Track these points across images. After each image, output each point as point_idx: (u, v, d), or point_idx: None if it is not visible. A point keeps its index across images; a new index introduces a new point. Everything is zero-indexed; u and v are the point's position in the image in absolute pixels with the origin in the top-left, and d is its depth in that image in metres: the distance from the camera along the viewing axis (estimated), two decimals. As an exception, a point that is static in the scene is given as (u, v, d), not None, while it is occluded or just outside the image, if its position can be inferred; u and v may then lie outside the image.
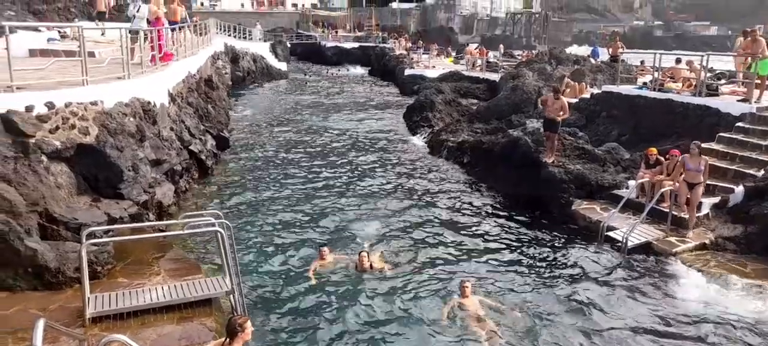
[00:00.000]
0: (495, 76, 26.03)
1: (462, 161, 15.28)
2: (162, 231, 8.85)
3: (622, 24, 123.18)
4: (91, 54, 12.21)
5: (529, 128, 14.38)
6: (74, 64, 10.42)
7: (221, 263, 6.98)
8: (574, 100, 17.84)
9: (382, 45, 51.44)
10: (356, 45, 55.88)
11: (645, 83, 16.14)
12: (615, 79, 18.34)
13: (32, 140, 7.99)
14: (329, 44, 57.38)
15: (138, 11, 13.72)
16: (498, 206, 12.28)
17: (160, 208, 10.17)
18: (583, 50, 47.35)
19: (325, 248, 9.23)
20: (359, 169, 15.30)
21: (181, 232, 8.07)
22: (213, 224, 7.05)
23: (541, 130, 13.54)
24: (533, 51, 43.41)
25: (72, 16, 27.08)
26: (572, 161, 12.85)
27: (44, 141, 8.18)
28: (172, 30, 16.64)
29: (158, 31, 13.92)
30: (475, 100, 23.29)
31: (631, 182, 11.35)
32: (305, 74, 43.37)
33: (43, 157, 8.16)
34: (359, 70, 47.00)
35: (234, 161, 15.77)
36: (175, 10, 18.39)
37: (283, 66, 42.01)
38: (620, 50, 22.79)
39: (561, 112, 12.56)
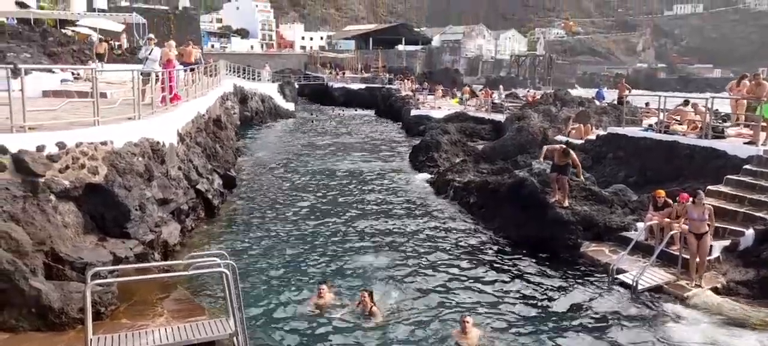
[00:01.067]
0: (500, 117, 26.25)
1: (468, 202, 15.25)
2: (167, 271, 8.82)
3: (625, 66, 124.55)
4: (103, 95, 12.44)
5: (535, 169, 14.37)
6: (86, 105, 10.60)
7: (226, 303, 6.92)
8: (579, 142, 17.90)
9: (388, 86, 52.16)
10: (363, 86, 56.70)
11: (651, 125, 16.19)
12: (620, 121, 18.42)
13: (42, 180, 8.07)
14: (336, 85, 58.26)
15: (150, 54, 14.03)
16: (504, 246, 12.18)
17: (165, 247, 10.17)
18: (588, 92, 47.78)
19: (324, 286, 9.09)
20: (365, 209, 15.29)
21: (186, 272, 8.03)
22: (218, 265, 7.02)
23: (548, 171, 13.52)
24: (538, 92, 43.82)
25: (86, 58, 27.67)
26: (579, 203, 12.80)
27: (54, 180, 8.26)
28: (186, 71, 17.00)
29: (169, 72, 14.20)
30: (481, 141, 23.42)
31: (640, 225, 11.26)
32: (312, 114, 43.87)
33: (52, 197, 8.23)
34: (366, 111, 47.51)
35: (240, 200, 15.80)
36: (190, 52, 18.89)
37: (290, 106, 42.58)
38: (626, 92, 22.99)
39: (568, 160, 12.52)
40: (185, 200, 12.36)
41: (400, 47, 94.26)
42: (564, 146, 13.23)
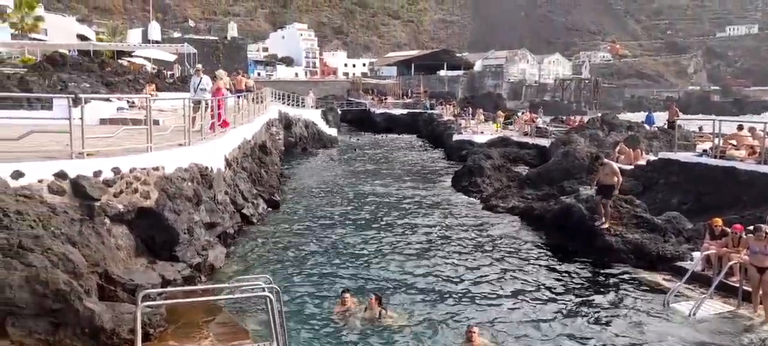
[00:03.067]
0: (545, 142, 25.78)
1: (515, 226, 14.96)
2: (213, 294, 8.96)
3: (676, 89, 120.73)
4: (156, 122, 12.94)
5: (582, 195, 13.99)
6: (140, 132, 11.05)
7: (269, 328, 6.94)
8: (628, 167, 17.34)
9: (430, 111, 52.23)
10: (405, 111, 56.99)
11: (705, 150, 15.54)
12: (672, 146, 17.77)
13: (98, 204, 8.41)
14: (378, 111, 58.78)
15: (200, 83, 14.54)
16: (548, 273, 11.82)
17: (211, 270, 10.38)
18: (637, 116, 46.44)
19: (347, 294, 9.26)
20: (407, 231, 15.19)
21: (231, 295, 8.14)
22: (262, 288, 7.09)
23: (594, 196, 13.17)
24: (584, 117, 42.91)
25: (140, 86, 28.94)
26: (630, 230, 12.34)
27: (109, 204, 8.60)
28: (237, 97, 17.67)
29: (219, 100, 14.66)
30: (525, 166, 23.03)
31: (696, 254, 10.73)
32: (355, 139, 44.31)
33: (107, 220, 8.55)
34: (407, 136, 47.63)
35: (284, 224, 15.98)
36: (240, 80, 19.63)
37: (333, 132, 43.15)
38: (676, 116, 22.22)
39: (613, 177, 12.27)
40: (231, 223, 12.63)
41: (442, 73, 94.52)
42: (602, 159, 12.93)
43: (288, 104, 39.94)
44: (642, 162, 17.70)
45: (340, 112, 55.62)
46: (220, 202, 12.60)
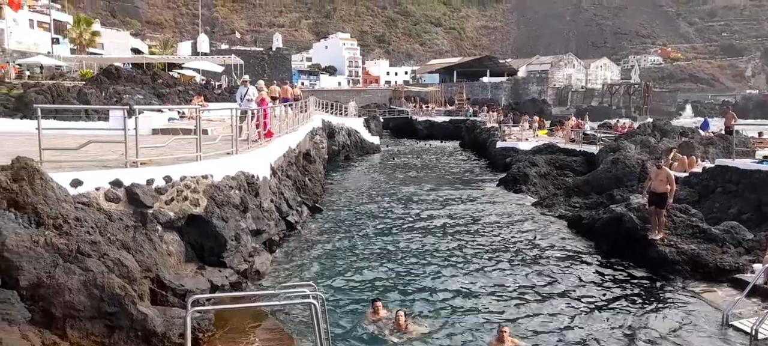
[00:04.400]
0: (593, 149, 25.08)
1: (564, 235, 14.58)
2: (259, 300, 9.11)
3: (733, 93, 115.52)
4: (205, 131, 13.32)
5: (633, 204, 13.49)
6: (190, 141, 11.39)
7: (314, 334, 6.99)
8: (683, 175, 16.65)
9: (472, 118, 51.75)
10: (447, 119, 56.68)
11: (766, 157, 14.74)
12: (730, 153, 16.95)
13: (150, 211, 8.71)
14: (420, 118, 58.68)
15: (247, 93, 14.89)
16: (598, 282, 11.43)
17: (257, 276, 10.55)
18: (691, 121, 44.60)
19: (379, 303, 9.32)
20: (448, 240, 15.04)
21: (276, 302, 8.26)
22: (307, 296, 7.15)
23: (646, 205, 12.67)
24: (634, 122, 41.57)
25: (190, 97, 29.88)
26: (685, 240, 11.81)
27: (160, 212, 8.89)
28: (285, 106, 18.19)
29: (264, 111, 14.95)
30: (572, 174, 22.44)
31: (757, 266, 10.16)
32: (396, 148, 44.35)
33: (159, 227, 8.84)
34: (450, 143, 47.31)
35: (328, 231, 16.11)
36: (286, 89, 20.25)
37: (375, 140, 43.34)
38: (734, 121, 21.20)
39: (667, 185, 11.78)
40: (276, 231, 12.83)
41: (485, 79, 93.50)
42: (658, 164, 12.42)
43: (331, 113, 40.40)
44: (697, 169, 16.96)
45: (382, 120, 55.82)
46: (265, 209, 12.83)
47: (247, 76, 17.48)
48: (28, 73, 44.68)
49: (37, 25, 63.65)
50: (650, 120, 32.80)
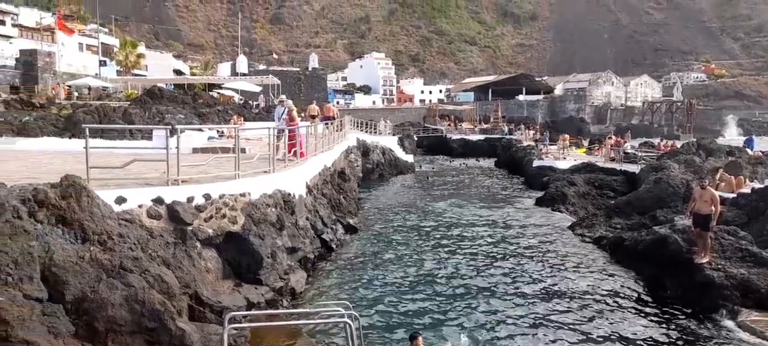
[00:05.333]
0: (634, 168, 24.39)
1: (603, 257, 14.15)
2: (294, 318, 9.14)
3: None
4: (243, 150, 13.57)
5: (678, 225, 13.00)
6: (229, 160, 11.62)
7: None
8: (731, 196, 15.99)
9: (508, 136, 51.20)
10: (482, 137, 56.26)
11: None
12: (781, 172, 16.20)
13: (190, 228, 8.89)
14: (455, 137, 58.44)
15: (284, 112, 15.12)
16: (642, 308, 11.01)
17: (292, 294, 10.60)
18: (735, 139, 42.97)
19: (419, 338, 8.91)
20: (484, 261, 14.81)
21: (311, 320, 8.26)
22: (342, 314, 7.13)
23: (692, 227, 12.20)
24: (677, 141, 40.34)
25: (229, 117, 30.58)
26: (734, 264, 11.28)
27: (200, 229, 9.06)
28: (325, 124, 19.19)
29: (293, 131, 14.90)
30: (613, 193, 21.85)
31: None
32: (430, 168, 44.20)
33: (198, 243, 9.01)
34: (485, 162, 46.85)
35: (362, 249, 16.10)
36: (329, 107, 20.90)
37: (409, 158, 43.31)
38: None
39: (711, 206, 11.31)
40: (311, 248, 12.90)
41: (521, 97, 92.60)
42: (702, 184, 11.93)
43: (366, 131, 40.65)
44: (745, 190, 16.26)
45: (416, 138, 55.82)
46: (301, 227, 12.93)
47: (284, 96, 17.79)
48: (76, 94, 46.67)
49: (86, 48, 66.70)
50: (694, 139, 31.73)
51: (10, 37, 56.76)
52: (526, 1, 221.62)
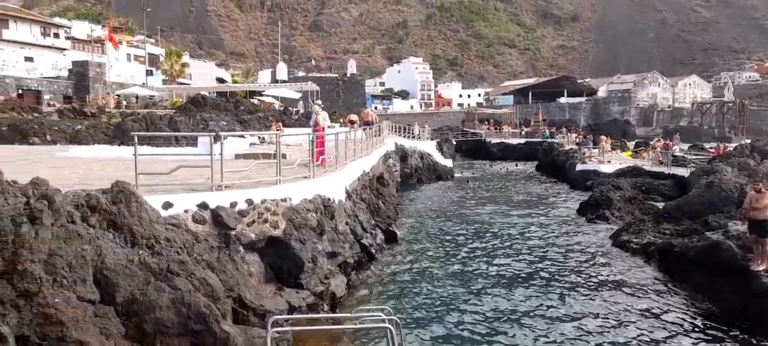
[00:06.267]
0: (683, 172, 23.50)
1: (649, 264, 13.65)
2: (335, 323, 9.18)
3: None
4: (284, 156, 13.74)
5: (731, 231, 12.41)
6: (270, 165, 11.80)
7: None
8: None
9: (550, 140, 50.24)
10: (522, 141, 55.44)
11: None
12: None
13: (233, 232, 9.06)
14: (494, 140, 57.76)
15: (324, 120, 15.24)
16: (693, 319, 10.55)
17: (333, 299, 10.64)
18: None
19: None
20: (526, 267, 14.52)
21: (352, 325, 8.27)
22: (383, 320, 7.11)
23: (747, 233, 11.61)
24: (729, 143, 38.67)
25: (270, 123, 31.12)
26: (795, 273, 10.67)
27: (242, 233, 9.22)
28: (364, 129, 19.57)
29: (320, 138, 14.69)
30: (660, 198, 21.10)
31: None
32: (471, 171, 43.79)
33: (241, 248, 9.16)
34: (525, 166, 46.10)
35: (402, 255, 16.06)
36: (367, 113, 21.11)
37: (448, 162, 43.03)
38: None
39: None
40: (351, 253, 12.93)
41: (563, 100, 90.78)
42: (758, 188, 11.31)
43: (404, 136, 40.64)
44: (806, 194, 15.37)
45: (454, 142, 55.44)
46: (341, 232, 12.99)
47: (319, 102, 17.98)
48: (125, 102, 48.54)
49: (133, 58, 69.33)
50: (748, 141, 30.32)
51: (64, 49, 59.53)
52: (566, 1, 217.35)
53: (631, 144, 42.92)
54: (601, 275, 13.62)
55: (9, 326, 5.74)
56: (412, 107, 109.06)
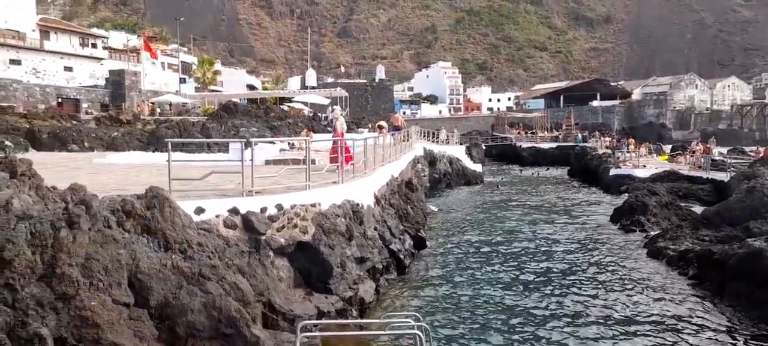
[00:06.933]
0: (722, 176, 22.73)
1: (687, 273, 13.23)
2: (363, 328, 9.15)
3: None
4: (313, 161, 13.82)
5: (775, 238, 11.91)
6: (300, 171, 11.88)
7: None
8: (838, 205, 14.51)
9: (582, 144, 49.33)
10: (554, 145, 54.62)
11: None
12: None
13: (263, 237, 9.14)
14: (525, 145, 57.07)
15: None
16: (735, 331, 10.15)
17: (361, 304, 10.63)
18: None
19: None
20: (556, 274, 14.24)
21: (381, 331, 8.24)
22: (412, 326, 7.06)
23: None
24: (771, 146, 37.25)
25: (299, 129, 31.43)
26: None
27: (272, 238, 9.30)
28: (393, 135, 20.04)
29: (336, 143, 14.46)
30: (698, 203, 20.44)
31: None
32: (499, 178, 43.32)
33: (270, 253, 9.24)
34: (557, 171, 45.34)
35: (430, 261, 15.96)
36: (397, 118, 21.52)
37: (478, 167, 42.66)
38: None
39: None
40: (380, 259, 12.90)
41: (595, 103, 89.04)
42: None
43: (432, 141, 40.48)
44: None
45: (484, 147, 54.97)
46: (369, 237, 12.97)
47: (337, 108, 18.06)
48: (159, 110, 49.75)
49: (167, 66, 71.08)
50: (792, 143, 29.16)
51: (101, 59, 61.46)
52: (599, 3, 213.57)
53: (667, 148, 41.75)
54: (638, 284, 13.25)
55: (48, 328, 5.90)
56: (440, 112, 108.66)
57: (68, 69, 56.88)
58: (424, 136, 40.28)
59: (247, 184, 9.57)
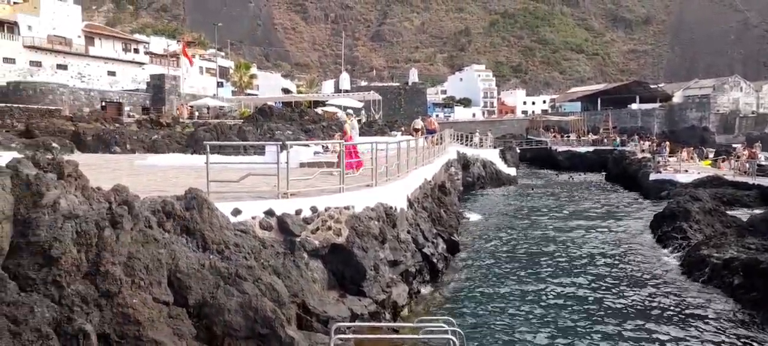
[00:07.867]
0: (770, 182, 21.83)
1: (731, 283, 12.72)
2: (396, 332, 9.14)
3: None
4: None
5: (829, 248, 11.37)
6: (333, 174, 11.97)
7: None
8: None
9: (620, 148, 48.13)
10: (591, 149, 53.46)
11: None
12: None
13: (298, 239, 9.23)
14: (561, 149, 56.05)
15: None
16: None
17: (394, 307, 10.61)
18: None
19: None
20: (594, 282, 13.91)
21: (414, 335, 8.20)
22: (446, 331, 7.01)
23: None
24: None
25: (333, 132, 31.68)
26: None
27: (307, 240, 9.38)
28: (426, 138, 20.31)
29: (347, 147, 14.14)
30: (744, 210, 19.66)
31: None
32: (537, 180, 42.67)
33: (305, 254, 9.32)
34: (594, 176, 44.36)
35: (463, 265, 15.83)
36: (431, 121, 21.88)
37: (512, 171, 42.14)
38: None
39: None
40: (413, 262, 12.86)
41: (634, 106, 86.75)
42: None
43: (466, 144, 40.20)
44: None
45: (518, 150, 54.25)
46: (402, 241, 12.95)
47: (350, 111, 18.09)
48: (197, 113, 50.94)
49: (205, 71, 72.75)
50: None
51: (143, 63, 63.38)
52: (638, 4, 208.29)
53: (710, 152, 40.33)
54: (680, 293, 12.83)
55: (92, 324, 6.10)
56: (474, 115, 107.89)
57: (111, 73, 58.87)
58: (458, 139, 40.03)
59: (283, 186, 9.69)
